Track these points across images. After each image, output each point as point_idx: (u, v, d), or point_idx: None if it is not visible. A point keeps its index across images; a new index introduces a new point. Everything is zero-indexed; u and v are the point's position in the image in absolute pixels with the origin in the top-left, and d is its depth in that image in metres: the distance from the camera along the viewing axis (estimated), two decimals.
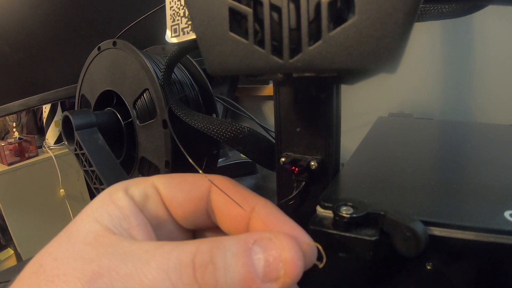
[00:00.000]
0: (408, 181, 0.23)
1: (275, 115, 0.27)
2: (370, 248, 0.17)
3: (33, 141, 1.21)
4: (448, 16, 0.25)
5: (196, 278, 0.13)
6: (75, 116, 0.38)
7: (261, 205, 0.17)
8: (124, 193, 0.16)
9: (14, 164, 1.14)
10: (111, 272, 0.13)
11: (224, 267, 0.13)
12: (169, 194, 0.17)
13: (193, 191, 0.18)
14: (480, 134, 0.35)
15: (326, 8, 0.14)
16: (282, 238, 0.14)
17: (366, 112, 0.73)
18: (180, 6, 0.29)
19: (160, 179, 0.18)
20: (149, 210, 0.17)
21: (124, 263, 0.13)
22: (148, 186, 0.17)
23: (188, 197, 0.17)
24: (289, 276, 0.13)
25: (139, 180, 0.18)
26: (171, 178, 0.18)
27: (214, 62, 0.17)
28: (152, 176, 0.18)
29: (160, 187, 0.17)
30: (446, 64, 0.70)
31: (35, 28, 0.51)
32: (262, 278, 0.13)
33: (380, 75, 0.16)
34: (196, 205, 0.18)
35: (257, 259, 0.13)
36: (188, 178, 0.18)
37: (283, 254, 0.14)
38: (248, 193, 0.17)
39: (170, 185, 0.17)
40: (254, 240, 0.14)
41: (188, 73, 0.43)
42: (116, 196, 0.16)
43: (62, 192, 1.22)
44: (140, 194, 0.17)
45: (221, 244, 0.14)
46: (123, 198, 0.16)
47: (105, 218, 0.15)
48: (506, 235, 0.16)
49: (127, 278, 0.13)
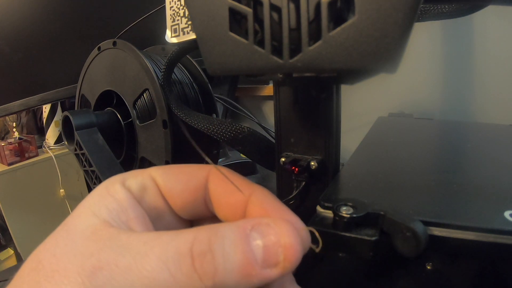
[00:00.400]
0: (408, 181, 0.23)
1: (275, 115, 0.27)
2: (370, 248, 0.17)
3: (33, 141, 1.21)
4: (448, 16, 0.25)
5: (195, 267, 0.13)
6: (75, 116, 0.38)
7: (258, 192, 0.17)
8: (121, 185, 0.16)
9: (14, 164, 1.14)
10: (110, 265, 0.13)
11: (222, 255, 0.13)
12: (167, 185, 0.17)
13: (191, 181, 0.18)
14: (480, 134, 0.35)
15: (326, 8, 0.14)
16: (280, 223, 0.14)
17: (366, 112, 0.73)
18: (180, 6, 0.29)
19: (157, 170, 0.18)
20: (147, 201, 0.17)
21: (123, 256, 0.13)
22: (146, 178, 0.17)
23: (186, 187, 0.17)
24: (289, 261, 0.13)
25: (137, 172, 0.18)
26: (168, 169, 0.18)
27: (214, 62, 0.17)
28: (150, 167, 0.18)
29: (158, 178, 0.17)
30: (446, 64, 0.70)
31: (35, 28, 0.51)
32: (261, 264, 0.13)
33: (380, 75, 0.16)
34: (194, 195, 0.18)
35: (255, 245, 0.13)
36: (185, 168, 0.18)
37: (282, 239, 0.14)
38: (245, 181, 0.18)
39: (168, 176, 0.17)
40: (251, 226, 0.14)
41: (188, 73, 0.43)
42: (113, 189, 0.16)
43: (62, 192, 1.22)
44: (138, 186, 0.17)
45: (218, 232, 0.14)
46: (120, 191, 0.16)
47: (103, 211, 0.15)
48: (506, 235, 0.16)
49: (126, 270, 0.13)
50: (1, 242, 1.25)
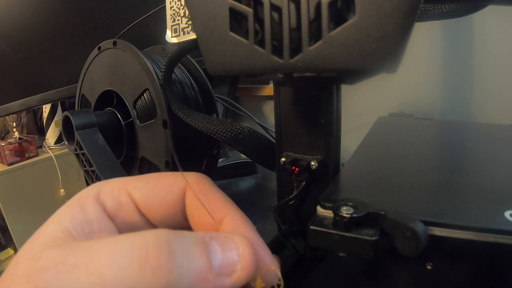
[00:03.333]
0: (408, 181, 0.23)
1: (275, 115, 0.27)
2: (370, 248, 0.17)
3: (33, 141, 1.21)
4: (448, 16, 0.25)
5: (149, 261, 0.12)
6: (75, 116, 0.38)
7: (231, 217, 0.17)
8: (93, 199, 0.16)
9: (14, 164, 1.14)
10: (57, 264, 0.12)
11: (181, 253, 0.13)
12: (144, 201, 0.17)
13: (168, 195, 0.17)
14: (480, 134, 0.35)
15: (326, 8, 0.14)
16: (237, 236, 0.14)
17: (366, 112, 0.73)
18: (180, 6, 0.29)
19: (135, 184, 0.17)
20: (122, 218, 0.17)
21: (72, 255, 0.13)
22: (122, 194, 0.17)
23: (164, 202, 0.17)
24: (244, 270, 0.14)
25: (113, 186, 0.17)
26: (146, 182, 0.17)
27: (215, 62, 0.17)
28: (127, 179, 0.18)
29: (135, 194, 0.17)
30: (446, 64, 0.70)
31: (35, 28, 0.51)
32: (218, 270, 0.13)
33: (380, 75, 0.16)
34: (172, 209, 0.17)
35: (214, 251, 0.14)
36: (163, 181, 0.18)
37: (240, 249, 0.14)
38: (222, 200, 0.17)
39: (145, 191, 0.17)
40: (210, 237, 0.14)
41: (188, 73, 0.43)
42: (84, 200, 0.16)
43: (62, 192, 1.22)
44: (113, 202, 0.17)
45: (178, 232, 0.14)
46: (91, 203, 0.16)
47: (67, 219, 0.15)
48: (506, 235, 0.16)
49: (72, 268, 0.12)
50: (1, 242, 1.25)
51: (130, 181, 0.17)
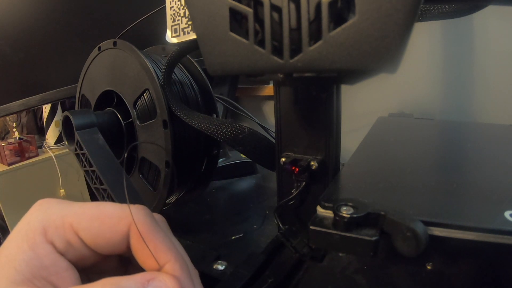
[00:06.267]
0: (408, 181, 0.23)
1: (275, 115, 0.27)
2: (370, 248, 0.17)
3: (33, 141, 1.21)
4: (448, 16, 0.25)
5: None
6: (75, 116, 0.38)
7: (171, 263, 0.18)
8: (42, 238, 0.17)
9: (14, 164, 1.14)
10: None
11: None
12: (92, 241, 0.18)
13: (114, 237, 0.18)
14: (480, 134, 0.35)
15: (326, 8, 0.14)
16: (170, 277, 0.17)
17: (366, 112, 0.74)
18: (180, 6, 0.29)
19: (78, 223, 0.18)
20: (72, 254, 0.18)
21: None
22: (68, 234, 0.18)
23: (110, 242, 0.18)
24: None
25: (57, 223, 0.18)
26: (90, 222, 0.18)
27: (215, 62, 0.17)
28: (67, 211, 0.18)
29: (81, 235, 0.18)
30: (446, 64, 0.70)
31: (36, 28, 0.51)
32: None
33: (380, 75, 0.16)
34: (118, 246, 0.18)
35: None
36: (107, 221, 0.18)
37: None
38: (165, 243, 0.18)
39: (90, 233, 0.18)
40: (148, 280, 0.16)
41: (188, 73, 0.43)
42: (33, 242, 0.17)
43: (62, 192, 1.22)
44: (62, 241, 0.17)
45: (121, 283, 0.16)
46: (41, 245, 0.17)
47: (24, 268, 0.16)
48: (506, 235, 0.16)
49: None
50: (1, 242, 1.25)
51: (72, 218, 0.18)
